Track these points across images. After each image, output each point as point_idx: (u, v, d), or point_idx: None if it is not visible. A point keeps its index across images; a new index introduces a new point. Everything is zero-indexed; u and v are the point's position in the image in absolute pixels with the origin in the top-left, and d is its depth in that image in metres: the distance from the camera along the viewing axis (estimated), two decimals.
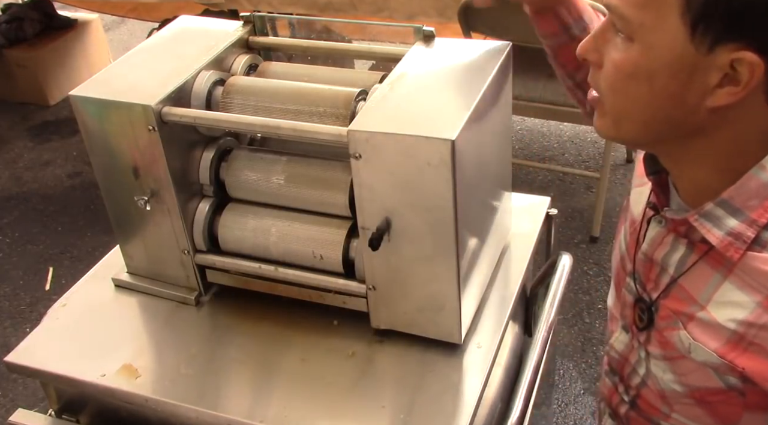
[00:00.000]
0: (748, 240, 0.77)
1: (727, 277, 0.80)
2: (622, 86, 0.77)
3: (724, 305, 0.81)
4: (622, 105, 0.79)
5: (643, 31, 0.73)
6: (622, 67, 0.76)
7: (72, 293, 1.25)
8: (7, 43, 3.75)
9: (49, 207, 3.15)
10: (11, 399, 2.29)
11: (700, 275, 0.84)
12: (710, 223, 0.80)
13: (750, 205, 0.78)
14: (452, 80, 1.04)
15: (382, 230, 0.99)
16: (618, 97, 0.79)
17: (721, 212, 0.79)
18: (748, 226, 0.77)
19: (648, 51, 0.74)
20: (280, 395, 1.06)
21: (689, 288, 0.85)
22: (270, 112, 1.09)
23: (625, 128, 0.81)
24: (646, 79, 0.75)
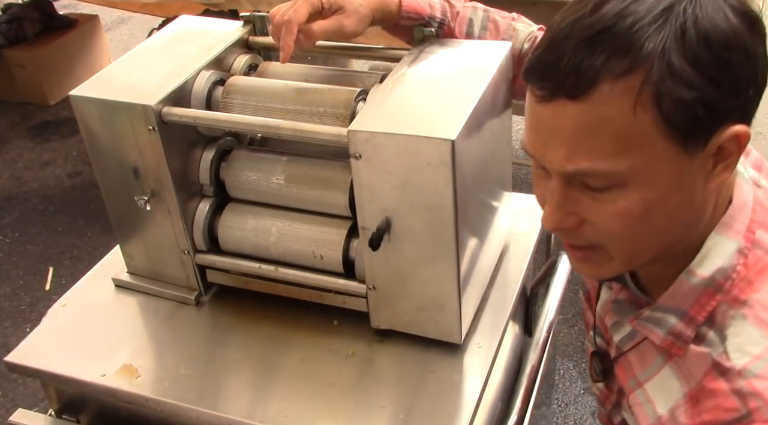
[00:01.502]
0: (689, 339, 0.76)
1: (668, 362, 0.79)
2: (633, 230, 0.71)
3: (661, 389, 0.80)
4: (635, 245, 0.74)
5: (636, 171, 0.67)
6: (631, 213, 0.70)
7: (72, 293, 1.25)
8: (7, 43, 3.75)
9: (49, 207, 3.15)
10: (11, 399, 2.29)
11: (643, 354, 0.83)
12: (651, 324, 0.79)
13: (686, 302, 0.76)
14: (452, 80, 1.04)
15: (382, 230, 0.99)
16: (628, 240, 0.73)
17: (659, 315, 0.78)
18: (686, 324, 0.76)
19: (647, 187, 0.68)
20: (280, 395, 1.06)
21: (633, 363, 0.85)
22: (270, 112, 1.09)
23: (638, 260, 0.77)
24: (658, 209, 0.70)
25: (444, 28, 1.12)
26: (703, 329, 0.75)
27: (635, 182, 0.68)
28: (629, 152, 0.66)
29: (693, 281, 0.75)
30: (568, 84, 0.65)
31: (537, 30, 1.11)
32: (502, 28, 1.12)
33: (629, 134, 0.65)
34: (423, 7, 1.10)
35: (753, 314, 0.72)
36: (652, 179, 0.68)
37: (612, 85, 0.64)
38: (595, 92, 0.65)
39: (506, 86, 1.09)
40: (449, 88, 1.02)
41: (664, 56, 0.63)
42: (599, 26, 0.65)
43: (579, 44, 0.65)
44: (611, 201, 0.70)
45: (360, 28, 1.06)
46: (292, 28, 1.01)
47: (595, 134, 0.66)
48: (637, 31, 0.64)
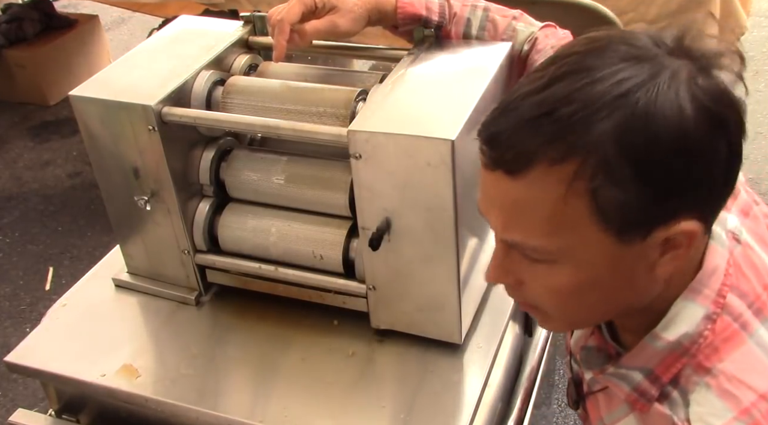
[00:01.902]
0: (653, 399, 0.75)
1: (632, 412, 0.78)
2: (566, 303, 0.72)
3: None
4: (572, 315, 0.74)
5: (567, 253, 0.67)
6: (560, 290, 0.70)
7: (72, 293, 1.25)
8: (7, 43, 3.74)
9: (49, 207, 3.15)
10: (11, 399, 2.29)
11: (610, 399, 0.82)
12: (616, 379, 0.78)
13: (652, 362, 0.75)
14: (452, 80, 1.04)
15: (382, 230, 0.99)
16: (563, 310, 0.73)
17: (624, 371, 0.77)
18: (651, 383, 0.74)
19: (579, 268, 0.68)
20: (280, 395, 1.06)
21: (601, 404, 0.84)
22: (270, 112, 1.09)
23: (579, 326, 0.78)
24: (589, 290, 0.70)
25: (442, 30, 1.12)
26: (668, 388, 0.74)
27: (566, 262, 0.68)
28: (560, 233, 0.66)
29: (658, 345, 0.73)
30: (506, 160, 0.65)
31: (538, 31, 1.10)
32: (501, 29, 1.11)
33: (561, 218, 0.64)
34: (418, 10, 1.10)
35: (717, 385, 0.70)
36: (584, 261, 0.67)
37: (546, 170, 0.63)
38: (530, 174, 0.64)
39: (506, 86, 1.09)
40: (449, 88, 1.02)
41: (601, 150, 0.61)
42: (544, 108, 0.63)
43: (521, 123, 0.64)
44: (544, 274, 0.70)
45: (355, 27, 1.07)
46: (284, 28, 1.03)
47: (527, 212, 0.66)
48: (579, 120, 0.61)
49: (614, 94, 0.61)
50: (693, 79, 0.62)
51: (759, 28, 3.70)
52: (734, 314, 0.72)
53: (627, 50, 0.64)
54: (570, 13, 1.93)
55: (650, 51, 0.64)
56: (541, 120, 0.63)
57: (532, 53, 1.09)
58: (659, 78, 0.62)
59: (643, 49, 0.64)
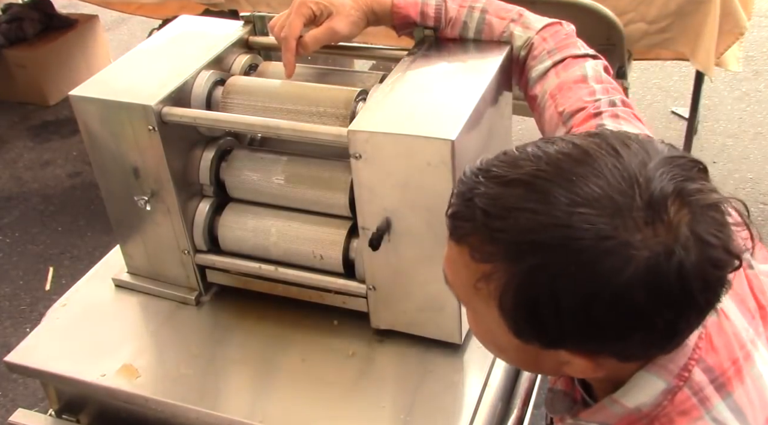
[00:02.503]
0: None
1: None
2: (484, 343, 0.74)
3: None
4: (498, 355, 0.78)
5: (479, 321, 0.70)
6: (481, 338, 0.74)
7: (72, 293, 1.25)
8: (7, 43, 3.74)
9: (49, 207, 3.15)
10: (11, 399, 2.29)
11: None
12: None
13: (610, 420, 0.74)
14: (452, 80, 1.04)
15: (382, 230, 0.99)
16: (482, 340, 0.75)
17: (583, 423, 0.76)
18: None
19: (488, 332, 0.70)
20: (280, 395, 1.06)
21: None
22: (270, 112, 1.09)
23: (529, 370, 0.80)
24: (497, 348, 0.73)
25: (438, 33, 1.12)
26: None
27: (481, 327, 0.71)
28: (471, 303, 0.68)
29: (616, 409, 0.72)
30: (451, 220, 0.67)
31: (536, 34, 1.07)
32: (498, 32, 1.09)
33: (472, 296, 0.66)
34: (413, 15, 1.09)
35: None
36: (491, 331, 0.69)
37: (470, 254, 0.64)
38: (459, 247, 0.66)
39: (506, 86, 1.09)
40: (449, 88, 1.02)
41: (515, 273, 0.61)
42: (489, 207, 0.62)
43: (467, 201, 0.64)
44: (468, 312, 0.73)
45: (354, 31, 1.08)
46: (290, 46, 1.07)
47: (455, 269, 0.69)
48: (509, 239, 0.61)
49: (556, 236, 0.59)
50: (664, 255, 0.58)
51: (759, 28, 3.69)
52: (695, 389, 0.70)
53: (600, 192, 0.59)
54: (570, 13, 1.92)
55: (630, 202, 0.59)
56: (481, 215, 0.63)
57: (529, 60, 1.07)
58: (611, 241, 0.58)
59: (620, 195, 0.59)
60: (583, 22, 1.99)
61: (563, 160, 0.62)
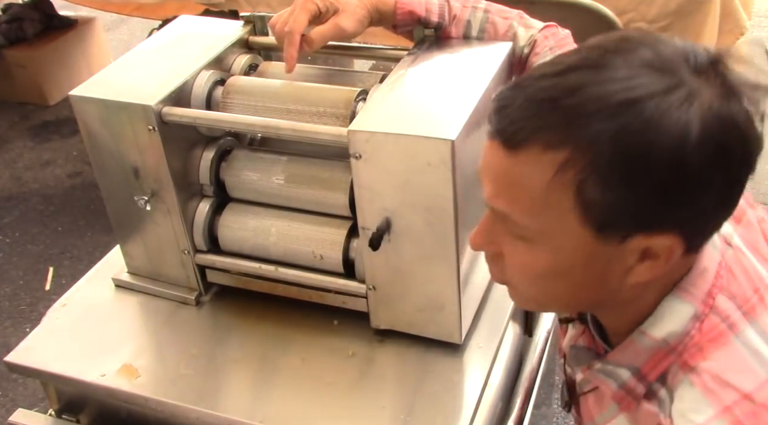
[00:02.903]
0: (639, 397, 0.75)
1: (621, 412, 0.78)
2: (534, 283, 0.73)
3: None
4: (540, 296, 0.75)
5: (545, 237, 0.68)
6: (531, 269, 0.71)
7: (72, 293, 1.25)
8: (7, 43, 3.74)
9: (49, 207, 3.15)
10: (11, 399, 2.29)
11: (599, 399, 0.83)
12: (603, 375, 0.78)
13: (639, 360, 0.75)
14: (452, 80, 1.04)
15: (382, 230, 0.98)
16: (532, 290, 0.74)
17: (611, 368, 0.77)
18: (638, 381, 0.75)
19: (555, 253, 0.68)
20: (280, 395, 1.06)
21: (591, 405, 0.84)
22: (270, 112, 1.09)
23: (548, 308, 0.79)
24: (560, 277, 0.70)
25: (441, 31, 1.12)
26: (656, 385, 0.74)
27: (543, 245, 0.68)
28: (542, 216, 0.66)
29: (645, 342, 0.73)
30: (506, 132, 0.66)
31: (537, 32, 1.10)
32: (502, 31, 1.11)
33: (544, 201, 0.65)
34: (417, 10, 1.10)
35: (700, 382, 0.70)
36: (560, 249, 0.68)
37: (540, 152, 0.64)
38: (524, 151, 0.65)
39: None
40: (449, 88, 1.02)
41: (595, 148, 0.62)
42: (550, 93, 0.64)
43: (527, 102, 0.65)
44: (522, 251, 0.70)
45: (359, 28, 1.07)
46: (294, 40, 1.04)
47: (515, 187, 0.67)
48: (581, 114, 0.62)
49: (623, 99, 0.61)
50: (710, 105, 0.61)
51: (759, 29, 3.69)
52: (722, 315, 0.72)
53: (652, 58, 0.63)
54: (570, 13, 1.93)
55: (675, 64, 0.63)
56: (545, 104, 0.64)
57: (531, 56, 1.09)
58: (674, 94, 0.61)
59: (669, 61, 0.63)
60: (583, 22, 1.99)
61: (603, 45, 0.66)
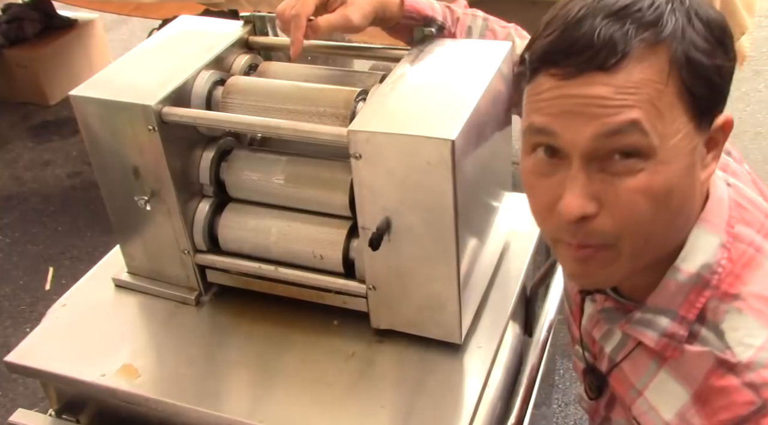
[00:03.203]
0: (683, 339, 0.76)
1: (662, 366, 0.79)
2: (652, 211, 0.70)
3: (662, 394, 0.79)
4: (649, 233, 0.72)
5: (661, 143, 0.68)
6: (652, 190, 0.69)
7: (72, 293, 1.25)
8: (7, 43, 3.75)
9: (49, 207, 3.15)
10: (11, 399, 2.29)
11: (637, 362, 0.83)
12: (642, 327, 0.79)
13: (675, 301, 0.76)
14: (452, 80, 1.04)
15: (382, 230, 0.98)
16: (644, 226, 0.71)
17: (650, 316, 0.78)
18: (679, 324, 0.76)
19: (670, 162, 0.69)
20: (280, 395, 1.06)
21: (628, 373, 0.84)
22: (270, 112, 1.09)
23: (643, 258, 0.75)
24: (674, 191, 0.70)
25: (443, 32, 1.13)
26: (696, 326, 0.75)
27: (659, 154, 0.68)
28: (658, 119, 0.67)
29: (679, 278, 0.75)
30: (599, 57, 0.66)
31: None
32: (501, 38, 1.13)
33: (658, 103, 0.67)
34: (425, 9, 1.10)
35: (748, 307, 0.72)
36: (674, 153, 0.69)
37: (642, 56, 0.67)
38: (627, 63, 0.66)
39: (506, 86, 1.09)
40: (449, 88, 1.02)
41: (681, 31, 0.67)
42: (622, 3, 0.67)
43: (606, 19, 0.67)
44: (633, 176, 0.69)
45: (364, 22, 1.07)
46: (300, 23, 1.03)
47: (627, 101, 0.67)
48: (657, 8, 0.67)
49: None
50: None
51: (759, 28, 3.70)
52: (746, 241, 0.75)
53: None
54: None
55: None
56: (624, 12, 0.67)
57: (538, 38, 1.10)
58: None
59: None
60: None
61: None
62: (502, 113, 1.10)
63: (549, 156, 0.73)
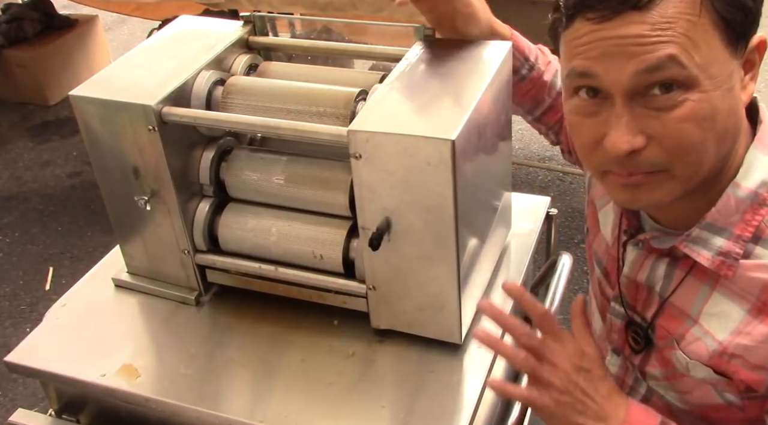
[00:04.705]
0: (738, 257, 0.79)
1: (715, 288, 0.81)
2: (701, 134, 0.73)
3: (715, 316, 0.81)
4: (700, 154, 0.75)
5: (701, 70, 0.71)
6: (698, 114, 0.72)
7: (72, 293, 1.25)
8: (7, 43, 3.75)
9: (49, 207, 3.15)
10: (11, 399, 2.29)
11: (688, 290, 0.84)
12: (698, 246, 0.81)
13: (731, 221, 0.79)
14: (452, 80, 1.04)
15: (382, 230, 0.99)
16: (695, 149, 0.74)
17: (706, 235, 0.80)
18: (734, 242, 0.79)
19: (711, 86, 0.72)
20: (280, 395, 1.06)
21: (680, 305, 0.86)
22: (270, 112, 1.09)
23: (694, 181, 0.77)
24: (719, 112, 0.74)
25: (533, 72, 1.14)
26: (750, 245, 0.78)
27: (700, 83, 0.71)
28: (695, 51, 0.70)
29: (739, 194, 0.78)
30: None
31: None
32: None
33: (694, 34, 0.70)
34: (524, 47, 1.13)
35: None
36: (713, 80, 0.72)
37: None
38: (658, 3, 0.69)
39: (506, 86, 1.09)
40: (449, 88, 1.02)
41: None
42: None
43: None
44: (678, 107, 0.72)
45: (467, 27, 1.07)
46: None
47: (665, 36, 0.70)
48: None
49: None
50: None
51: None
52: None
53: None
54: None
55: None
56: None
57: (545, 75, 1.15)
58: None
59: None
60: None
61: None
62: (502, 113, 1.10)
63: (591, 97, 0.76)
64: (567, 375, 0.83)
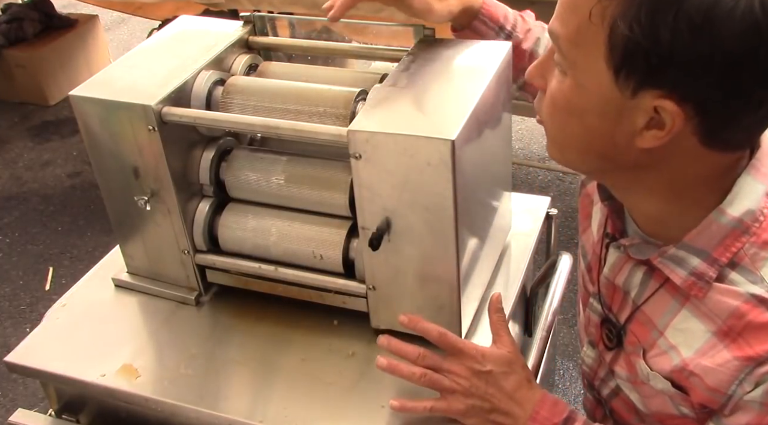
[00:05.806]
0: (711, 280, 0.78)
1: (684, 305, 0.81)
2: (557, 117, 0.79)
3: (681, 332, 0.81)
4: (560, 135, 0.81)
5: (575, 69, 0.74)
6: (556, 99, 0.77)
7: (72, 293, 1.25)
8: (7, 43, 3.75)
9: (49, 207, 3.15)
10: (11, 399, 2.30)
11: (659, 301, 0.85)
12: (673, 263, 0.81)
13: (710, 244, 0.78)
14: (452, 80, 1.04)
15: (382, 230, 0.99)
16: (555, 126, 0.81)
17: (683, 254, 0.80)
18: (709, 265, 0.78)
19: (578, 89, 0.74)
20: (280, 395, 1.06)
21: (650, 314, 0.86)
22: (270, 112, 1.09)
23: (567, 156, 0.82)
24: (577, 115, 0.76)
25: (510, 40, 1.13)
26: (726, 270, 0.77)
27: (571, 79, 0.74)
28: (578, 47, 0.72)
29: (722, 220, 0.77)
30: None
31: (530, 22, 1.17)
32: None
33: (582, 32, 0.71)
34: (498, 15, 1.12)
35: None
36: (582, 86, 0.74)
37: None
38: None
39: (506, 86, 1.09)
40: (449, 88, 1.02)
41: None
42: None
43: None
44: (554, 83, 0.77)
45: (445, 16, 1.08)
46: None
47: (568, 12, 0.73)
48: None
49: None
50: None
51: None
52: None
53: None
54: None
55: None
56: None
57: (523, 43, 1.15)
58: None
59: None
60: None
61: None
62: (502, 112, 1.10)
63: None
64: (467, 380, 0.92)
